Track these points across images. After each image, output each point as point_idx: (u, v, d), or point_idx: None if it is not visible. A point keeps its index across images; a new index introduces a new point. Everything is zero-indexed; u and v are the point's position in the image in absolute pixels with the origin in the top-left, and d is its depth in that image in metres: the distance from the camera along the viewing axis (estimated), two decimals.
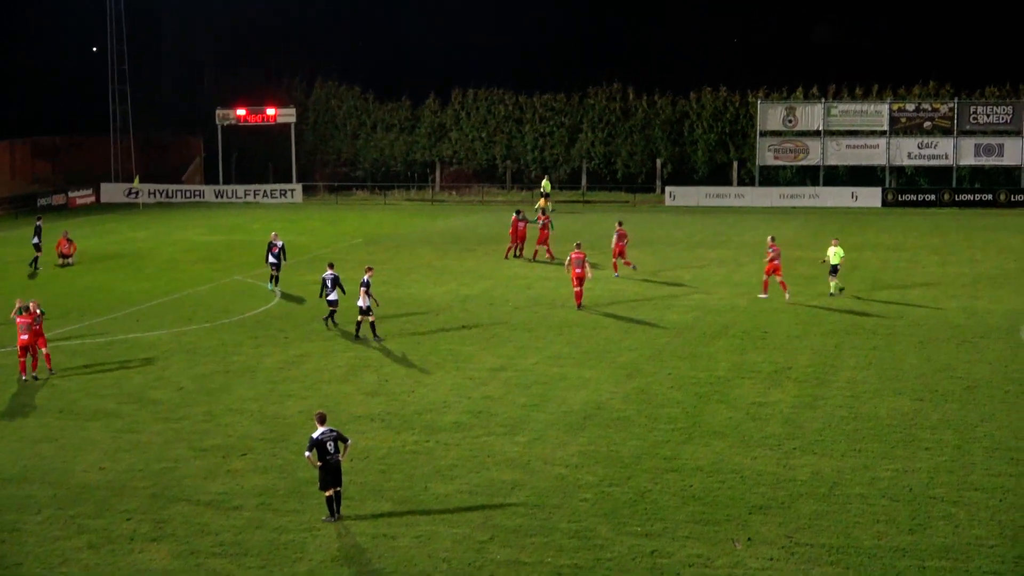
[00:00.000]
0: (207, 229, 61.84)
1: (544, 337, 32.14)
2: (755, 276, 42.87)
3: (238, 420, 24.12)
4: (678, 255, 49.27)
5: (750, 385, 26.59)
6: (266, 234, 59.30)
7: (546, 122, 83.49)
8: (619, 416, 24.08)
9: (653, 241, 54.52)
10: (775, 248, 38.23)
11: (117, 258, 50.28)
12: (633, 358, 29.45)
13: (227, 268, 46.71)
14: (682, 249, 51.37)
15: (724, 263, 46.58)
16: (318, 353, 30.37)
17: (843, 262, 39.04)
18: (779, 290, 38.06)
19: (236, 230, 61.62)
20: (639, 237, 56.38)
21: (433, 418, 24.08)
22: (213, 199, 79.52)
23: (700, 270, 44.71)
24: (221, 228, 62.48)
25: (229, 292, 40.58)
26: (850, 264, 45.85)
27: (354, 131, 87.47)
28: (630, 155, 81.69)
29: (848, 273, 43.46)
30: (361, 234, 59.39)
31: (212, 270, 46.04)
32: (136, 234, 59.81)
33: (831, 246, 38.71)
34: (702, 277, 42.84)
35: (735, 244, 53.09)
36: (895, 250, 50.13)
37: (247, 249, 52.61)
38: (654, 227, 61.67)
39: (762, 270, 39.60)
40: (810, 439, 22.37)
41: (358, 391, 26.42)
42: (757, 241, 54.09)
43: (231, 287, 41.81)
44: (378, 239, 56.86)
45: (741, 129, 79.64)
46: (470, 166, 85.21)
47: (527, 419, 23.95)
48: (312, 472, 20.74)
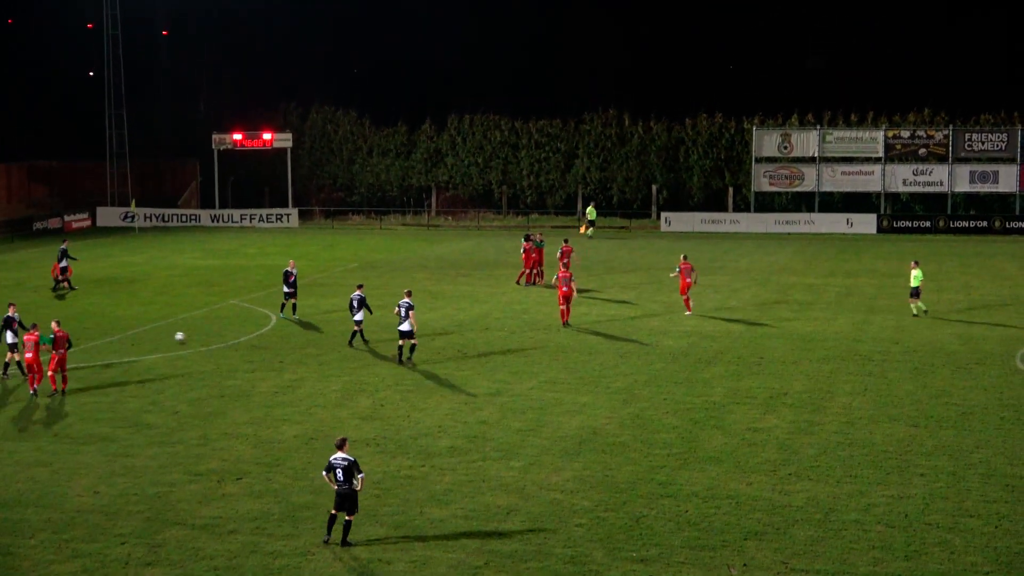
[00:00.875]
0: (203, 253, 61.86)
1: (539, 362, 32.15)
2: (751, 302, 42.96)
3: (233, 444, 24.10)
4: (673, 280, 49.29)
5: (745, 411, 26.60)
6: (263, 258, 59.48)
7: (542, 148, 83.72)
8: (614, 441, 24.08)
9: (649, 266, 54.59)
10: (686, 265, 40.01)
11: (113, 282, 50.28)
12: (628, 383, 29.47)
13: (223, 293, 46.71)
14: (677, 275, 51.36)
15: (719, 289, 46.65)
16: (313, 377, 30.37)
17: (923, 285, 39.61)
18: (696, 301, 39.92)
19: (232, 255, 61.63)
20: (632, 262, 56.48)
21: (428, 443, 24.07)
22: (209, 223, 79.54)
23: (695, 296, 44.72)
24: (217, 252, 62.51)
25: (224, 317, 40.57)
26: (845, 291, 45.94)
27: (350, 156, 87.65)
28: (626, 181, 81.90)
29: (843, 299, 43.55)
30: (357, 259, 59.42)
31: (208, 294, 46.05)
32: (132, 258, 59.80)
33: (912, 269, 39.46)
34: (698, 303, 42.89)
35: (730, 270, 53.18)
36: (890, 277, 50.25)
37: (243, 274, 52.63)
38: (649, 253, 61.74)
39: (737, 294, 39.53)
40: (805, 465, 22.38)
41: (353, 416, 26.41)
42: (752, 267, 54.21)
43: (226, 312, 41.81)
44: (374, 264, 56.89)
45: (736, 155, 79.88)
46: (466, 191, 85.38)
47: (523, 444, 23.95)
48: (306, 497, 20.74)
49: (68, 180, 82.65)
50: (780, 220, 73.88)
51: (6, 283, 49.57)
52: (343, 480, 18.35)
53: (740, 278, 49.98)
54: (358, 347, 34.29)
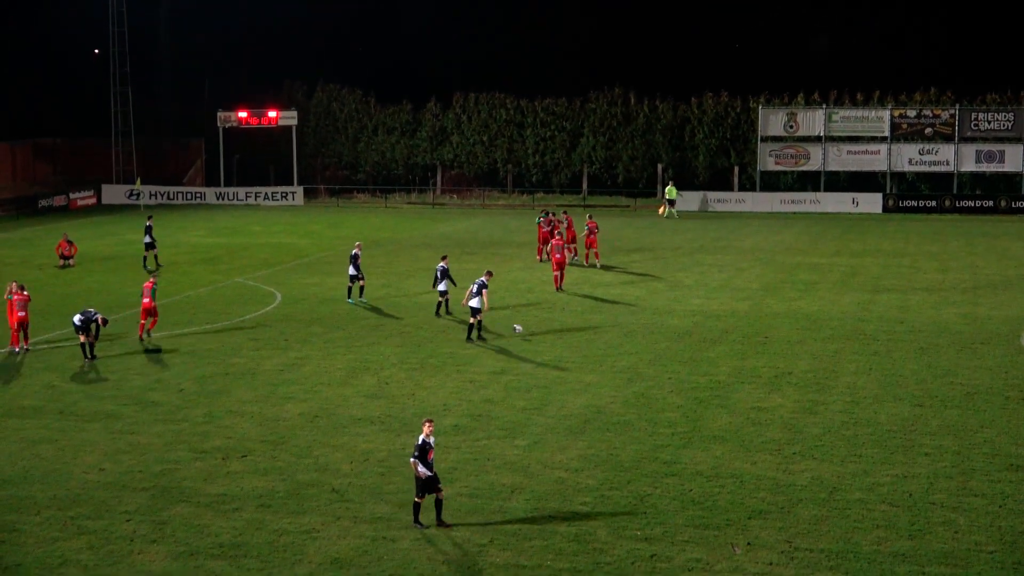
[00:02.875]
0: (208, 231, 61.85)
1: (544, 341, 32.15)
2: (756, 281, 42.93)
3: (238, 422, 24.13)
4: (678, 260, 49.28)
5: (750, 390, 26.59)
6: (268, 236, 59.54)
7: (547, 126, 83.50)
8: (619, 420, 24.08)
9: (654, 246, 54.52)
10: (591, 224, 46.68)
11: (117, 260, 50.30)
12: (633, 362, 29.46)
13: (228, 271, 46.71)
14: (682, 254, 51.38)
15: (724, 268, 46.58)
16: (318, 356, 30.38)
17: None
18: (594, 260, 45.92)
19: (237, 232, 61.63)
20: (638, 242, 56.37)
21: (434, 421, 24.07)
22: (214, 201, 79.49)
23: (700, 275, 44.70)
24: (222, 230, 62.51)
25: (229, 295, 40.58)
26: (851, 270, 45.85)
27: (355, 134, 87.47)
28: (631, 160, 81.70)
29: (848, 279, 43.48)
30: (362, 237, 59.35)
31: (212, 272, 46.07)
32: (137, 236, 59.72)
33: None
34: (702, 282, 42.85)
35: (735, 249, 53.10)
36: (896, 256, 50.14)
37: (248, 252, 52.63)
38: (654, 233, 61.65)
39: (743, 274, 39.47)
40: (810, 444, 22.38)
41: (358, 394, 26.43)
42: (758, 246, 54.11)
43: (232, 289, 41.82)
44: (379, 242, 56.85)
45: (742, 134, 79.61)
46: (471, 170, 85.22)
47: (527, 423, 23.96)
48: (311, 475, 20.75)
49: (73, 158, 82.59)
50: (785, 199, 73.69)
51: (11, 261, 49.61)
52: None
53: (745, 257, 49.91)
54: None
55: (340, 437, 23.00)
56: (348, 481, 20.29)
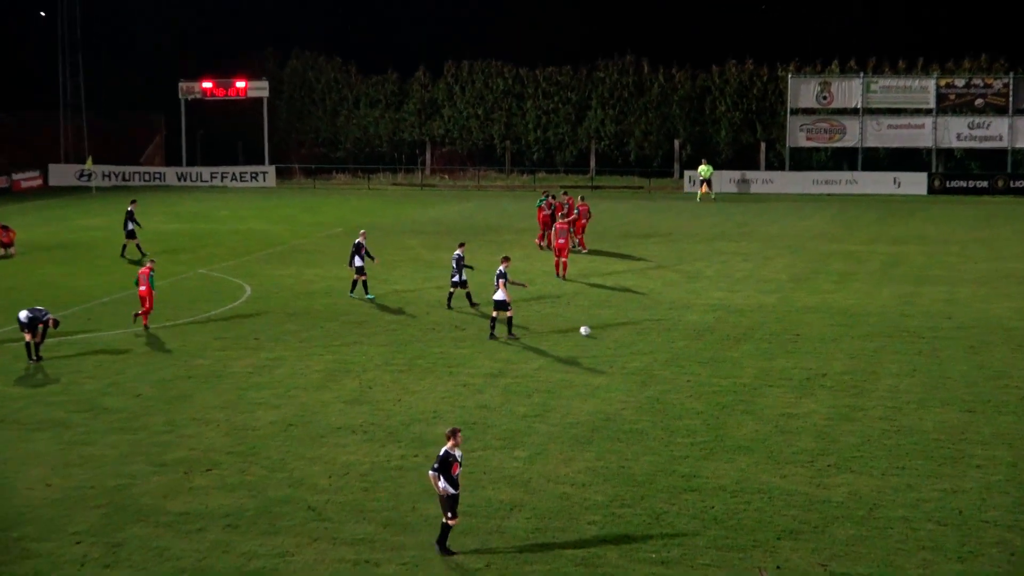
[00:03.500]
0: (168, 217, 61.79)
1: (547, 339, 32.13)
2: (785, 272, 42.91)
3: (202, 431, 24.11)
4: (697, 248, 49.27)
5: (779, 394, 26.59)
6: (236, 222, 59.47)
7: (550, 98, 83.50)
8: (631, 428, 24.07)
9: (670, 232, 54.48)
10: (583, 207, 47.74)
11: (67, 249, 50.24)
12: (647, 363, 29.45)
13: (191, 261, 46.68)
14: (702, 241, 51.36)
15: (749, 257, 46.57)
16: (292, 356, 30.37)
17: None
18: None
19: (201, 218, 61.57)
20: (652, 227, 56.32)
21: (422, 430, 24.07)
22: (175, 183, 79.43)
23: (722, 265, 44.70)
24: (184, 215, 62.43)
25: (193, 288, 40.56)
26: (891, 259, 45.85)
27: (334, 107, 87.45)
28: (644, 135, 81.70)
29: (888, 269, 43.48)
30: (341, 223, 59.32)
31: (174, 263, 46.02)
32: (88, 222, 59.75)
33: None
34: (724, 273, 42.83)
35: (761, 236, 53.08)
36: (942, 243, 50.14)
37: (213, 240, 52.57)
38: (670, 216, 61.61)
39: (770, 264, 39.45)
40: (846, 455, 22.36)
41: (337, 399, 26.41)
42: (786, 233, 54.10)
43: (195, 282, 41.79)
44: (361, 228, 56.73)
45: (769, 107, 79.63)
46: (464, 147, 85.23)
47: (528, 431, 23.94)
48: (284, 490, 20.72)
49: (16, 134, 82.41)
50: (818, 179, 73.72)
51: None
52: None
53: (773, 245, 49.89)
54: (461, 310, 35.74)
55: (317, 448, 22.98)
56: (326, 498, 20.25)
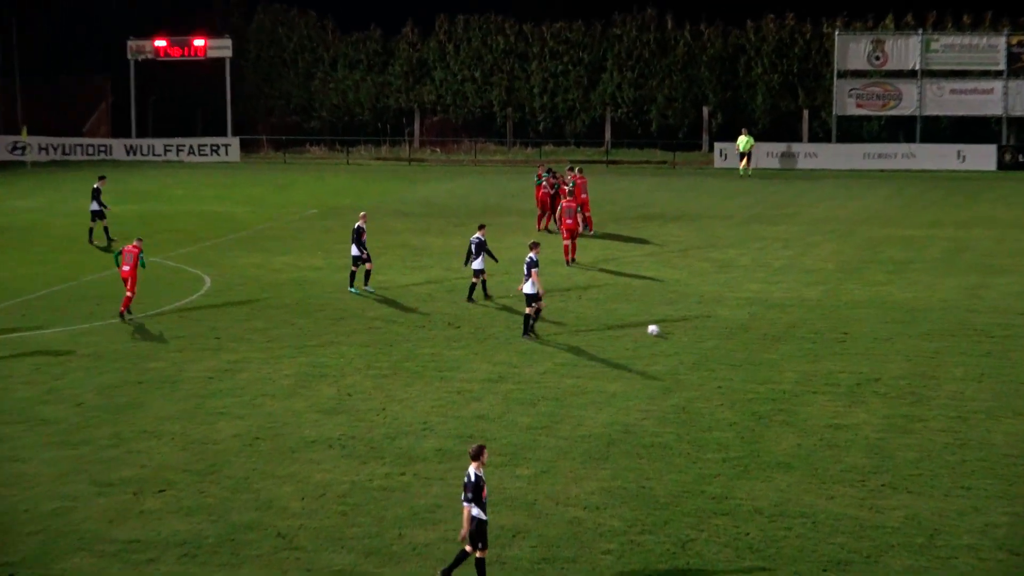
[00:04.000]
0: (116, 196, 61.64)
1: (555, 338, 32.10)
2: (832, 260, 42.87)
3: (155, 446, 24.06)
4: (730, 232, 49.21)
5: (824, 402, 26.55)
6: (194, 203, 59.37)
7: (559, 58, 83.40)
8: (653, 442, 24.03)
9: (698, 214, 54.40)
10: (579, 180, 47.22)
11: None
12: (671, 366, 29.41)
13: (143, 247, 46.58)
14: (735, 224, 51.31)
15: (791, 243, 46.53)
16: (259, 359, 30.33)
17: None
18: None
19: (153, 197, 61.53)
20: (677, 208, 56.26)
21: (410, 444, 24.02)
22: (123, 156, 79.31)
23: (759, 252, 44.66)
24: (133, 195, 62.36)
25: (144, 279, 40.51)
26: (955, 246, 45.79)
27: (308, 69, 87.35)
28: (668, 102, 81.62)
29: (952, 257, 43.41)
30: (316, 203, 59.24)
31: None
32: (22, 202, 59.69)
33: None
34: (761, 261, 42.79)
35: (805, 218, 53.02)
36: (1013, 227, 50.08)
37: (167, 223, 52.53)
38: (699, 195, 61.52)
39: (814, 250, 39.44)
40: (903, 473, 22.32)
41: (311, 408, 26.37)
42: (833, 215, 54.04)
43: (148, 271, 41.73)
44: (338, 210, 56.71)
45: (813, 68, 79.52)
46: (459, 116, 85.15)
47: (533, 446, 23.90)
48: (249, 514, 20.67)
49: None
50: (870, 153, 73.64)
51: None
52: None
53: (817, 229, 49.85)
54: (480, 302, 36.28)
55: (288, 465, 22.94)
56: (298, 523, 20.21)
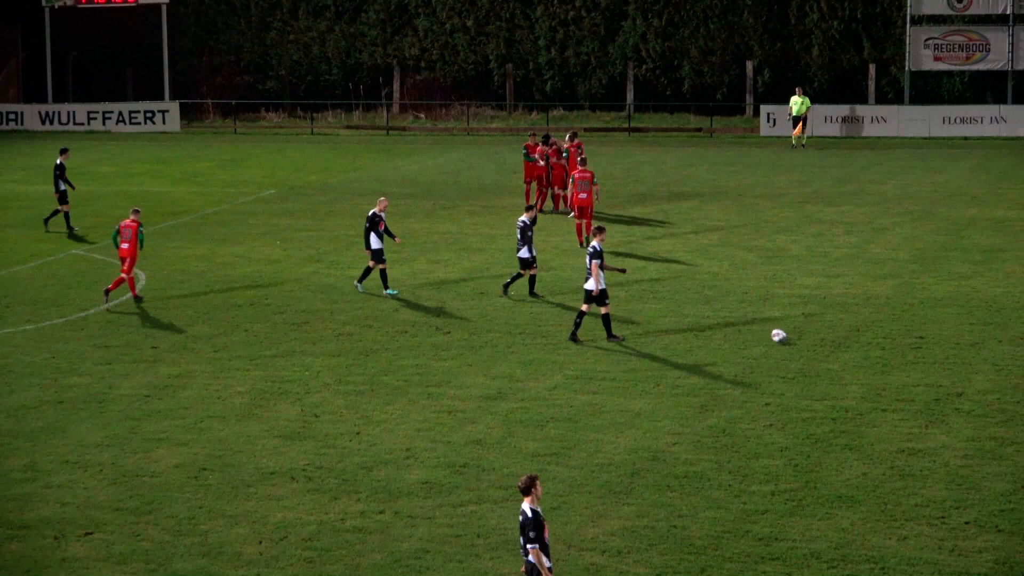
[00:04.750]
0: (28, 173, 61.78)
1: (567, 346, 32.10)
2: (904, 249, 42.87)
3: (79, 479, 24.09)
4: (780, 214, 49.20)
5: (896, 422, 26.57)
6: (124, 182, 59.30)
7: (569, 2, 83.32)
8: (687, 472, 24.06)
9: (740, 191, 54.37)
10: (573, 147, 48.98)
11: None
12: (708, 379, 29.42)
13: (61, 237, 46.67)
14: (787, 204, 51.29)
15: (855, 227, 46.50)
16: (205, 372, 30.33)
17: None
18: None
19: (74, 176, 61.35)
20: (715, 185, 56.22)
21: (390, 476, 24.05)
22: (37, 126, 79.25)
23: (816, 238, 44.65)
24: (50, 172, 62.32)
25: (64, 275, 40.54)
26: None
27: (262, 17, 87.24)
28: (703, 56, 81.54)
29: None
30: (274, 182, 59.24)
31: (36, 240, 46.03)
32: None
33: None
34: (819, 250, 42.77)
35: (872, 197, 52.99)
36: None
37: (92, 206, 52.53)
38: (742, 170, 61.47)
39: (883, 236, 39.38)
40: (991, 508, 22.35)
41: (269, 433, 26.38)
42: (906, 192, 54.04)
43: (67, 266, 41.77)
44: (301, 190, 56.72)
45: (881, 13, 79.40)
46: (448, 74, 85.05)
47: (541, 477, 23.86)
48: (196, 561, 20.71)
49: None
50: (951, 117, 73.54)
51: None
52: (522, 545, 17.96)
53: (888, 210, 49.82)
54: (519, 298, 36.93)
55: (242, 502, 22.97)
56: (255, 572, 20.26)
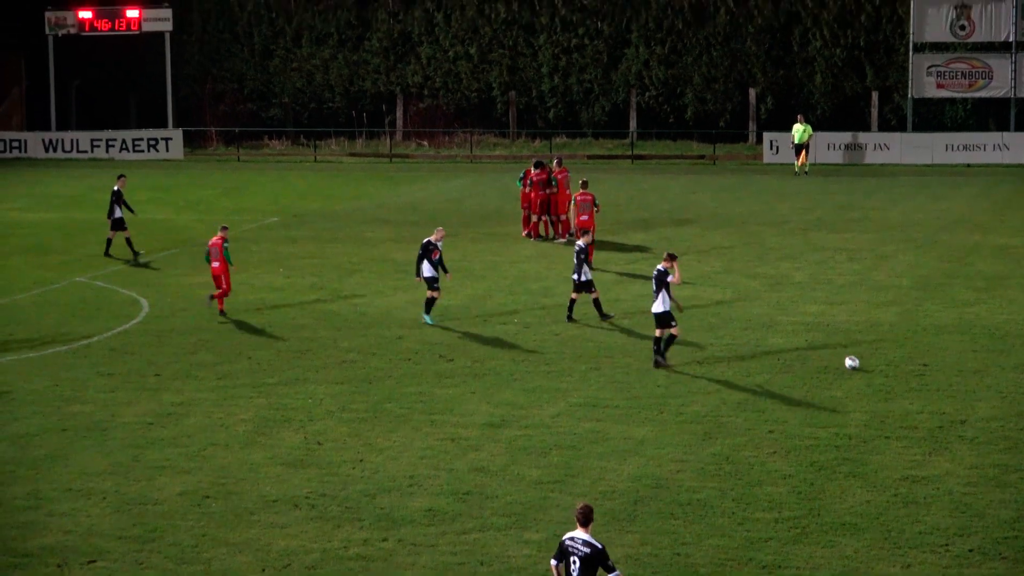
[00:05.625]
0: (32, 201, 61.71)
1: (570, 372, 32.08)
2: (908, 275, 42.84)
3: (82, 507, 24.06)
4: (784, 241, 49.17)
5: (900, 449, 26.53)
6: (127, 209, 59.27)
7: (572, 30, 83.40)
8: (691, 499, 24.02)
9: (744, 218, 54.34)
10: (561, 175, 49.55)
11: None
12: (712, 406, 29.39)
13: (64, 264, 46.63)
14: (790, 232, 51.27)
15: (857, 255, 46.48)
16: (208, 400, 30.29)
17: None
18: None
19: (78, 203, 61.49)
20: (718, 212, 56.21)
21: (393, 503, 24.01)
22: (41, 154, 79.22)
23: (819, 266, 44.64)
24: (54, 200, 62.34)
25: (67, 302, 40.52)
26: None
27: (265, 45, 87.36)
28: (706, 83, 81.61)
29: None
30: (277, 210, 59.22)
31: (40, 267, 45.96)
32: None
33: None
34: (822, 277, 42.77)
35: (875, 224, 52.96)
36: None
37: (96, 234, 52.53)
38: (745, 197, 61.44)
39: (887, 263, 39.35)
40: (996, 535, 22.30)
41: (273, 460, 26.35)
42: (910, 220, 54.01)
43: (71, 294, 41.76)
44: (304, 218, 56.69)
45: (884, 40, 79.46)
46: (451, 102, 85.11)
47: (543, 505, 23.89)
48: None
49: None
50: (954, 144, 73.53)
51: None
52: (576, 574, 17.84)
53: (891, 237, 49.81)
54: (586, 321, 36.70)
55: (245, 530, 22.94)
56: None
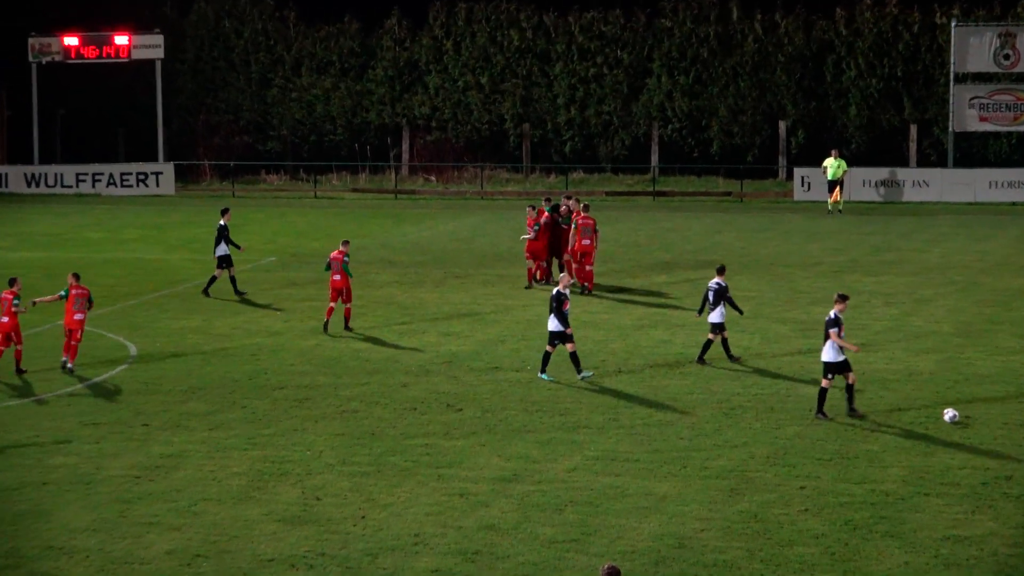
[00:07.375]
0: (14, 240, 61.82)
1: (586, 424, 32.04)
2: (948, 321, 42.82)
3: (64, 567, 24.04)
4: (815, 284, 49.15)
5: (941, 507, 26.47)
6: (115, 248, 59.33)
7: (590, 59, 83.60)
8: (715, 560, 23.97)
9: (772, 260, 54.33)
10: (583, 221, 48.08)
11: None
12: (739, 461, 29.34)
13: (46, 306, 46.70)
14: (822, 274, 51.24)
15: (895, 298, 46.47)
16: (200, 451, 30.28)
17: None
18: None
19: (61, 242, 61.59)
20: (745, 253, 56.20)
21: (397, 563, 23.98)
22: (24, 189, 79.39)
23: (854, 310, 44.59)
24: (36, 238, 62.45)
25: (50, 346, 40.59)
26: None
27: (263, 74, 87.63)
28: (733, 115, 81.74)
29: None
30: (274, 249, 59.25)
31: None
32: None
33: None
34: (857, 322, 42.75)
35: (913, 266, 52.96)
36: None
37: (82, 274, 52.54)
38: (774, 237, 61.44)
39: (926, 308, 39.29)
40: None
41: (269, 517, 26.33)
42: (951, 262, 53.98)
43: (53, 339, 41.84)
44: (304, 258, 56.74)
45: (924, 71, 79.61)
46: (460, 135, 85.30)
47: (558, 566, 23.84)
48: None
49: None
50: (998, 181, 73.60)
51: None
52: None
53: (930, 280, 49.79)
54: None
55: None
56: None
